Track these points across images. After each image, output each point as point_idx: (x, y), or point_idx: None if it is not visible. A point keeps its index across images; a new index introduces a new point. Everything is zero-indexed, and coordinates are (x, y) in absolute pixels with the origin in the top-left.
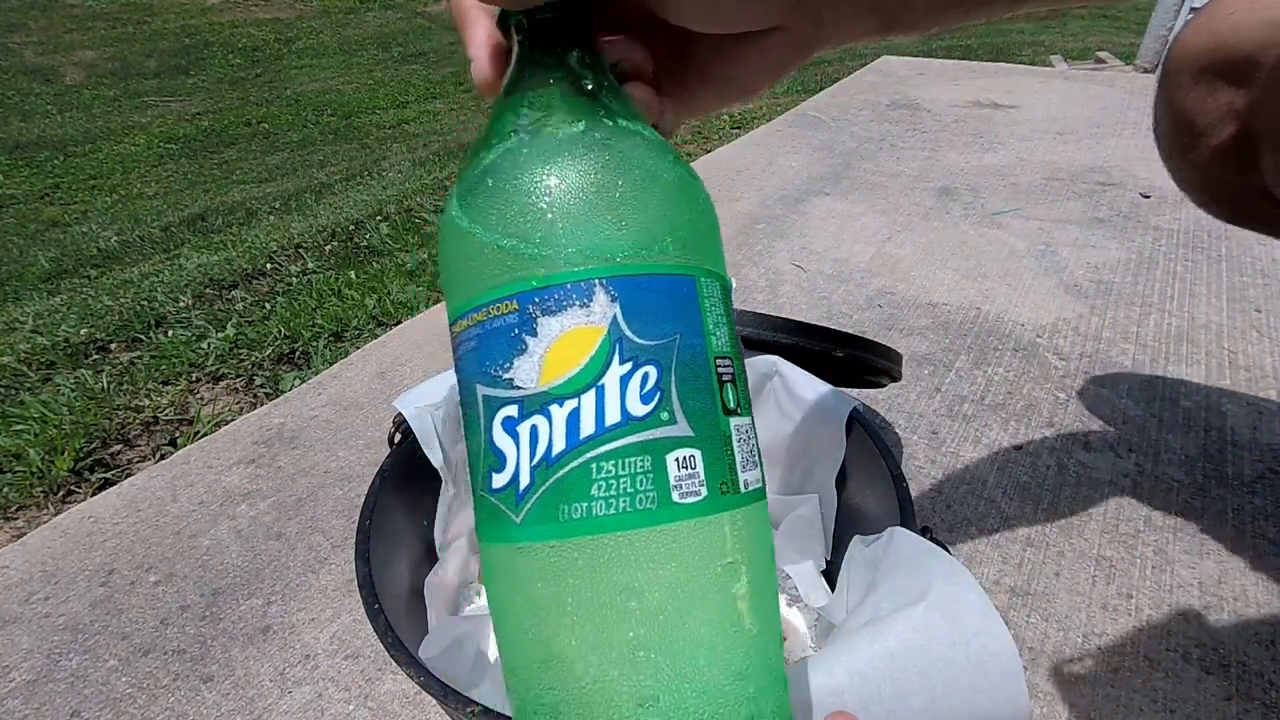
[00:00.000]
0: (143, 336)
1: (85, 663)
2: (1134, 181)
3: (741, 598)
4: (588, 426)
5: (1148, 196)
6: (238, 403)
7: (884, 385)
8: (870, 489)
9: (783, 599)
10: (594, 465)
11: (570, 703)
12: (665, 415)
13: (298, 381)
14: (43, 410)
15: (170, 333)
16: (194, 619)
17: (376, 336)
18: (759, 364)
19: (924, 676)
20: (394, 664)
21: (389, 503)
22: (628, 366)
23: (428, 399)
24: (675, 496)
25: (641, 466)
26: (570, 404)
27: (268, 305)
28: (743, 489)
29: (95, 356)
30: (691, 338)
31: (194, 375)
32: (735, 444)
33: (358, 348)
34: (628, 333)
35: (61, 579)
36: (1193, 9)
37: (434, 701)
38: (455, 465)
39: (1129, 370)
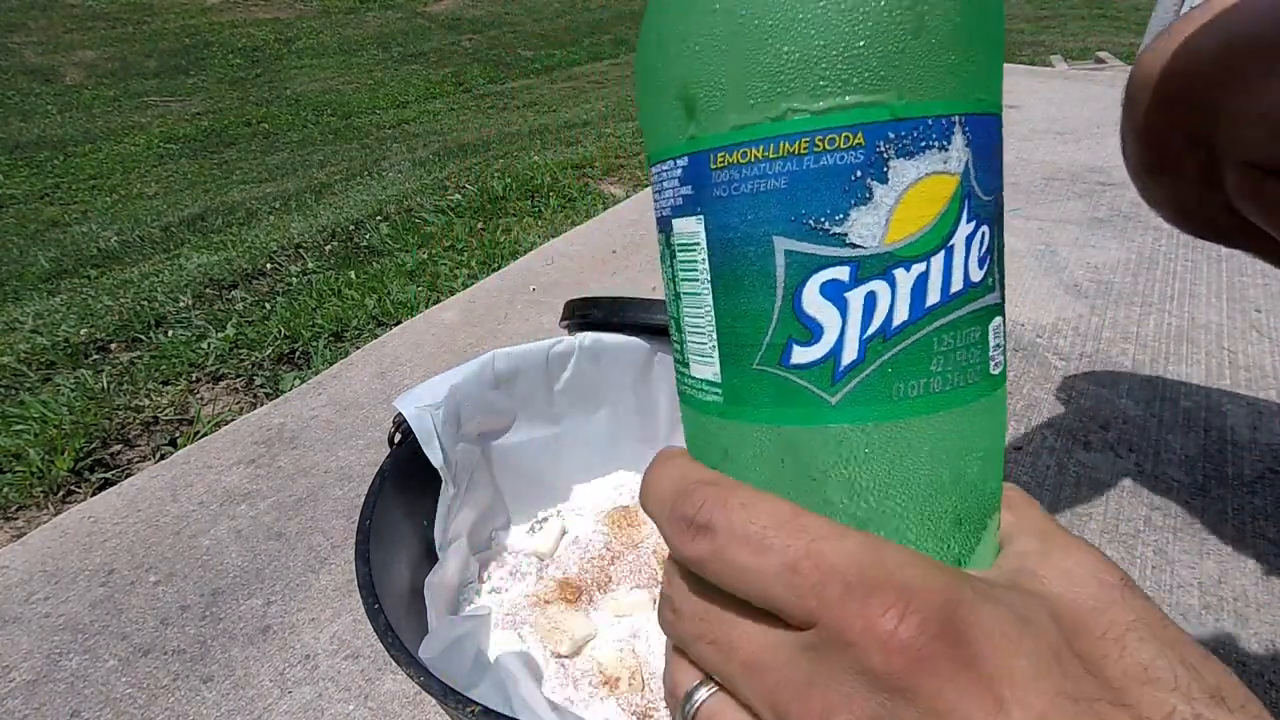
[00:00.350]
0: (143, 336)
1: (85, 663)
2: None
3: (1003, 459)
4: (934, 294)
5: None
6: (238, 403)
7: None
8: None
9: None
10: (936, 338)
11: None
12: (990, 280)
13: (298, 381)
14: (43, 410)
15: (170, 333)
16: (194, 619)
17: (376, 336)
18: None
19: None
20: (394, 664)
21: (389, 503)
22: (972, 225)
23: (428, 399)
24: (991, 367)
25: (974, 338)
26: (918, 268)
27: (268, 305)
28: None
29: (95, 356)
30: (1001, 192)
31: (194, 375)
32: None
33: (358, 348)
34: (974, 185)
35: (61, 579)
36: (1193, 9)
37: (434, 701)
38: (455, 465)
39: (1129, 370)
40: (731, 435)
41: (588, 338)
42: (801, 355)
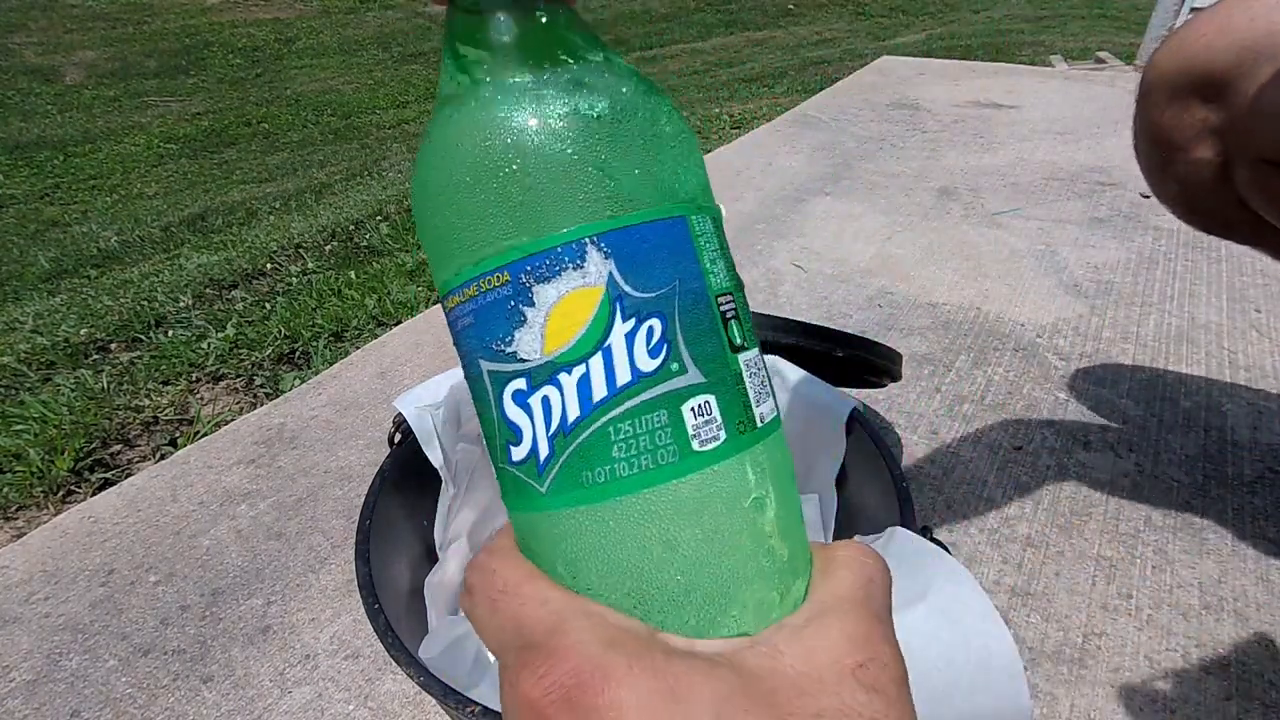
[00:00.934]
0: (143, 336)
1: (85, 663)
2: (1134, 181)
3: (771, 529)
4: (599, 390)
5: (1148, 196)
6: (238, 403)
7: (884, 385)
8: (870, 489)
9: None
10: (611, 428)
11: None
12: (675, 366)
13: (298, 381)
14: (43, 410)
15: (170, 333)
16: (194, 619)
17: (376, 336)
18: None
19: (925, 677)
20: (394, 664)
21: (389, 503)
22: (631, 323)
23: (427, 399)
24: (695, 445)
25: (658, 421)
26: (579, 370)
27: (268, 305)
28: (759, 423)
29: (95, 356)
30: (690, 281)
31: (194, 375)
32: (747, 380)
33: (358, 348)
34: (626, 288)
35: (61, 579)
36: (1193, 9)
37: (434, 701)
38: (455, 465)
39: (1129, 370)
40: (511, 519)
41: None
42: (515, 454)
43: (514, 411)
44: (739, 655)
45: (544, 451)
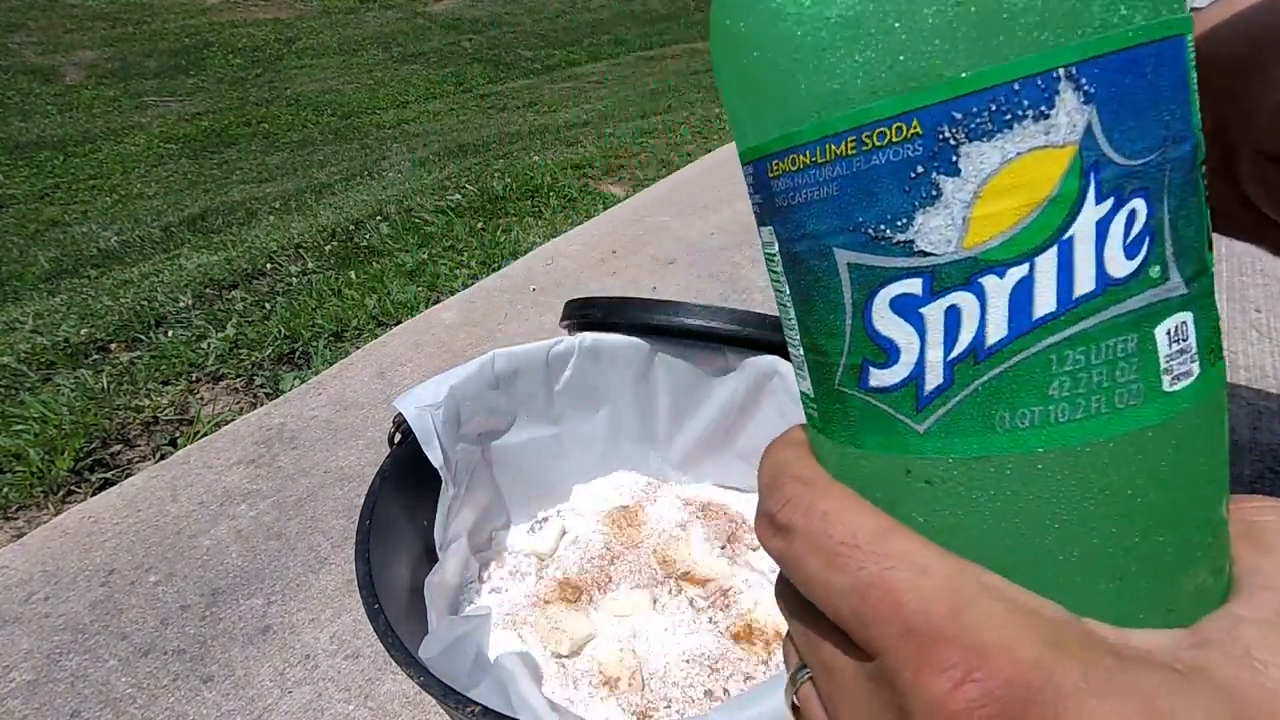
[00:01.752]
0: (143, 336)
1: (85, 663)
2: None
3: (1221, 493)
4: (1045, 303)
5: None
6: (238, 403)
7: None
8: None
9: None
10: (1054, 356)
11: None
12: (1156, 271)
13: (298, 381)
14: (43, 410)
15: (170, 333)
16: (194, 619)
17: (376, 336)
18: (759, 364)
19: None
20: (394, 664)
21: (389, 503)
22: (1107, 205)
23: (428, 399)
24: (1166, 384)
25: (1123, 350)
26: (1017, 272)
27: (268, 305)
28: (1223, 353)
29: (95, 356)
30: (1183, 141)
31: (194, 375)
32: (1215, 293)
33: (358, 348)
34: (1107, 149)
35: (61, 579)
36: (1193, 9)
37: (434, 701)
38: (455, 465)
39: None
40: (830, 453)
41: (588, 338)
42: (880, 378)
43: (889, 323)
44: (1204, 661)
45: (932, 380)
